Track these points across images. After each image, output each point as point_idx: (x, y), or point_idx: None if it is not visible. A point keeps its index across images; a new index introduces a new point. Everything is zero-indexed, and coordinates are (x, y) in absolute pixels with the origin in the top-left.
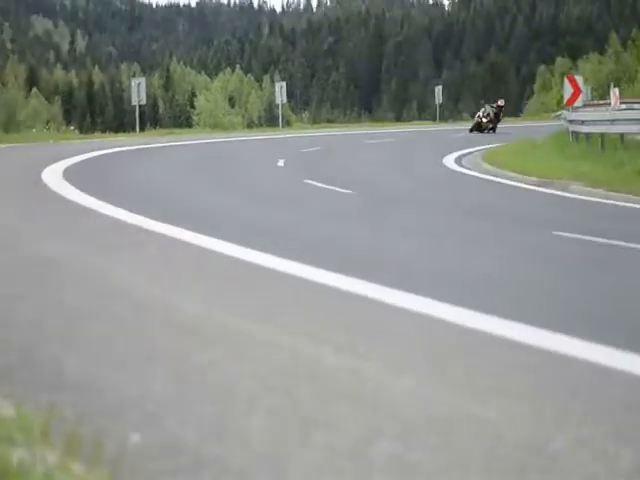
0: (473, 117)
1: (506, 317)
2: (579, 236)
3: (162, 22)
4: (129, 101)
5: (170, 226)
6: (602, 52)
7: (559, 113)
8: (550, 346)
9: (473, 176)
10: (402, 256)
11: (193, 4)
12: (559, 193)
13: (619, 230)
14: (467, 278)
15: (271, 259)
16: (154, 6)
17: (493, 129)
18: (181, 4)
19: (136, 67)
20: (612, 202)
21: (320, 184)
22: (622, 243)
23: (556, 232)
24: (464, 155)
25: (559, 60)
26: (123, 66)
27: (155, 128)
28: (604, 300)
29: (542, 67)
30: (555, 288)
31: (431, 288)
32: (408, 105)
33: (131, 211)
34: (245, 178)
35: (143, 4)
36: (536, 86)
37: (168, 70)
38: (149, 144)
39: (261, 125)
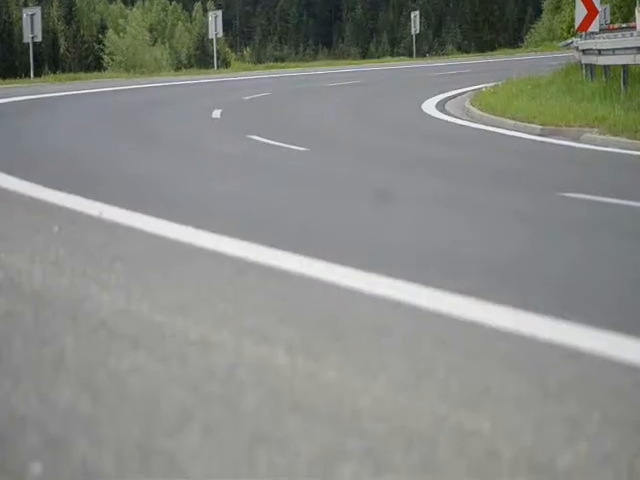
0: (459, 49)
1: (490, 300)
2: (590, 197)
3: None
4: (20, 38)
5: (76, 197)
6: None
7: (569, 41)
8: (532, 331)
9: (460, 125)
10: (367, 229)
11: None
12: (568, 144)
13: None
14: (449, 256)
15: (203, 236)
16: None
17: None
18: None
19: None
20: (636, 153)
21: (267, 140)
22: None
23: (562, 193)
24: (448, 99)
25: None
26: None
27: (55, 73)
28: (606, 276)
29: None
30: (549, 263)
31: (404, 268)
32: (377, 37)
33: (28, 180)
34: (171, 134)
35: None
36: (546, 4)
37: None
38: (48, 93)
39: (191, 66)
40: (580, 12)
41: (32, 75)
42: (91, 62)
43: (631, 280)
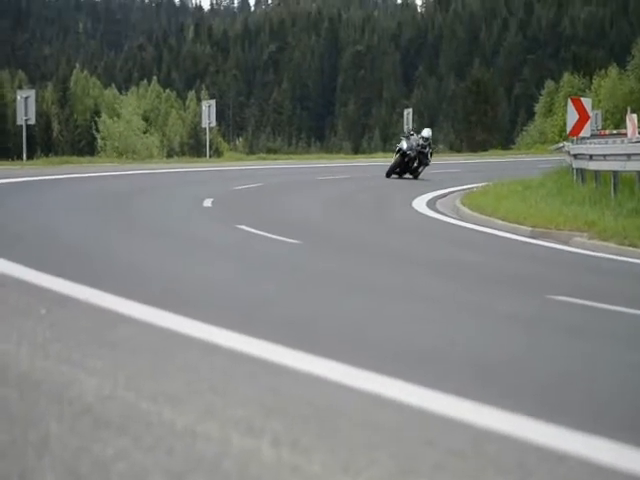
0: (451, 148)
1: (475, 401)
2: (578, 301)
3: (58, 19)
4: (14, 120)
5: (64, 281)
6: (622, 65)
7: (560, 145)
8: (533, 438)
9: (450, 224)
10: (359, 325)
11: None
12: (558, 247)
13: (632, 295)
14: (439, 355)
15: (194, 326)
16: None
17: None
18: None
19: (22, 76)
20: (625, 259)
21: (257, 231)
22: (634, 311)
23: (551, 296)
24: (439, 197)
25: (567, 77)
26: (5, 74)
27: (48, 156)
28: (594, 380)
29: (550, 83)
30: (536, 367)
31: (395, 365)
32: (369, 133)
33: (16, 262)
34: (162, 222)
35: None
36: (538, 107)
37: (65, 82)
38: (40, 175)
39: (184, 154)
40: (572, 117)
41: (25, 157)
42: (84, 146)
43: (619, 384)
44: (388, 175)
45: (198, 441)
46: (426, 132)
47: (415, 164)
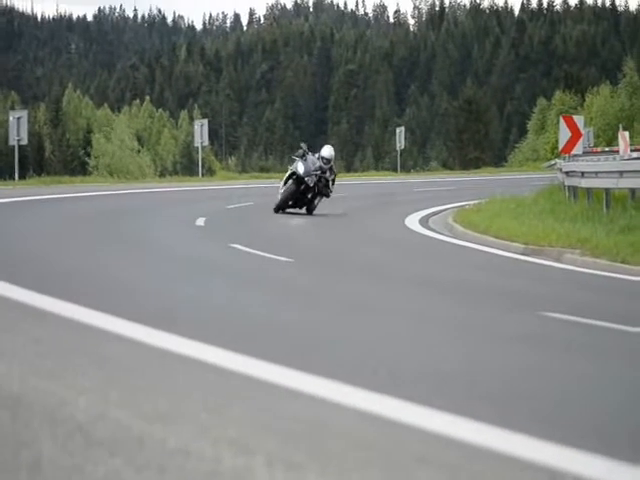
0: (444, 166)
1: (470, 418)
2: (571, 317)
3: (50, 39)
4: (6, 140)
5: (57, 301)
6: (613, 83)
7: (553, 162)
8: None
9: (443, 241)
10: (351, 342)
11: (89, 17)
12: (550, 264)
13: (623, 311)
14: (432, 372)
15: (185, 344)
16: (39, 18)
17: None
18: (74, 17)
19: (14, 97)
20: (617, 276)
21: (251, 249)
22: (625, 327)
23: (543, 312)
24: (432, 214)
25: (559, 95)
26: None
27: (40, 176)
28: (585, 396)
29: (542, 100)
30: (530, 384)
31: (388, 383)
32: (362, 151)
33: (8, 281)
34: (154, 241)
35: (24, 15)
36: (530, 125)
37: (57, 102)
38: (32, 195)
39: (176, 173)
40: (564, 134)
41: (17, 177)
42: (76, 166)
43: (615, 401)
44: (277, 210)
45: (191, 460)
46: (326, 151)
47: (311, 194)
